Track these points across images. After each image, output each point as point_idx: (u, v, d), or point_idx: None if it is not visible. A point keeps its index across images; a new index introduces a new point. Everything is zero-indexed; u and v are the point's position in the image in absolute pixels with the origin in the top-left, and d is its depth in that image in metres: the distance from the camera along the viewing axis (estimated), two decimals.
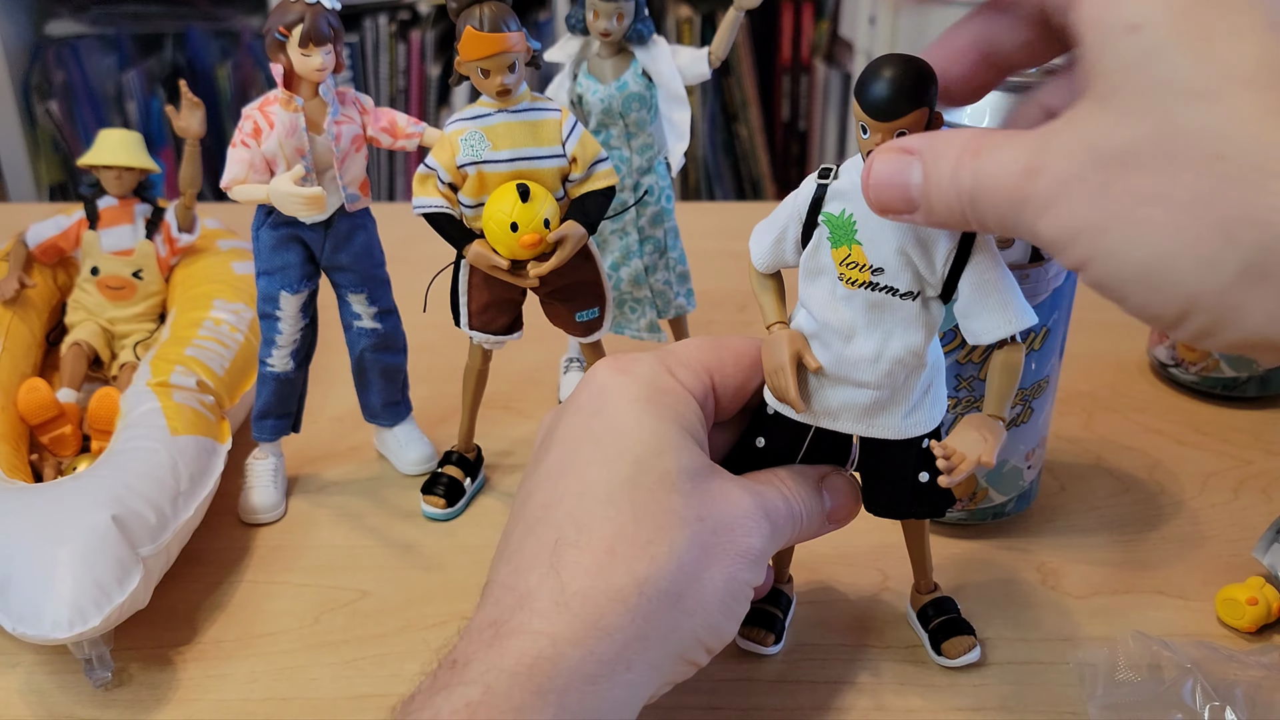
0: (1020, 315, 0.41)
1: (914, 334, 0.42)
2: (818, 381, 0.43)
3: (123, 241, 0.68)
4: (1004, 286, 0.40)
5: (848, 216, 0.41)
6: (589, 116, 0.62)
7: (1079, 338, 0.70)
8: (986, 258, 0.40)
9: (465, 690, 0.35)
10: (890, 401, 0.43)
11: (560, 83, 0.62)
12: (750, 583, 0.41)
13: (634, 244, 0.64)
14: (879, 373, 0.42)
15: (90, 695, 0.48)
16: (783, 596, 0.51)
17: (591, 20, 0.59)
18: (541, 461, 0.42)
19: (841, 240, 0.41)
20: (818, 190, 0.42)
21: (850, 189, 0.41)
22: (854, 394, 0.43)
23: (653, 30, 0.61)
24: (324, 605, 0.53)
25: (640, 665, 0.37)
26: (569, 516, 0.39)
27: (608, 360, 0.43)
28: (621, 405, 0.41)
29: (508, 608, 0.37)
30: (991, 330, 0.41)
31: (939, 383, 0.44)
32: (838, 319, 0.42)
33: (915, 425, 0.43)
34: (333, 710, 0.47)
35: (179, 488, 0.52)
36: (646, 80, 0.61)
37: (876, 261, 0.41)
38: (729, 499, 0.41)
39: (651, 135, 0.62)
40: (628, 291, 0.65)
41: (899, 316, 0.41)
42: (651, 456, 0.40)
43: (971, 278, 0.40)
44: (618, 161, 0.62)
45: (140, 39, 1.87)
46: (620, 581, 0.37)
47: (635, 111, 0.61)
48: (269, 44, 0.52)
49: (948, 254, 0.40)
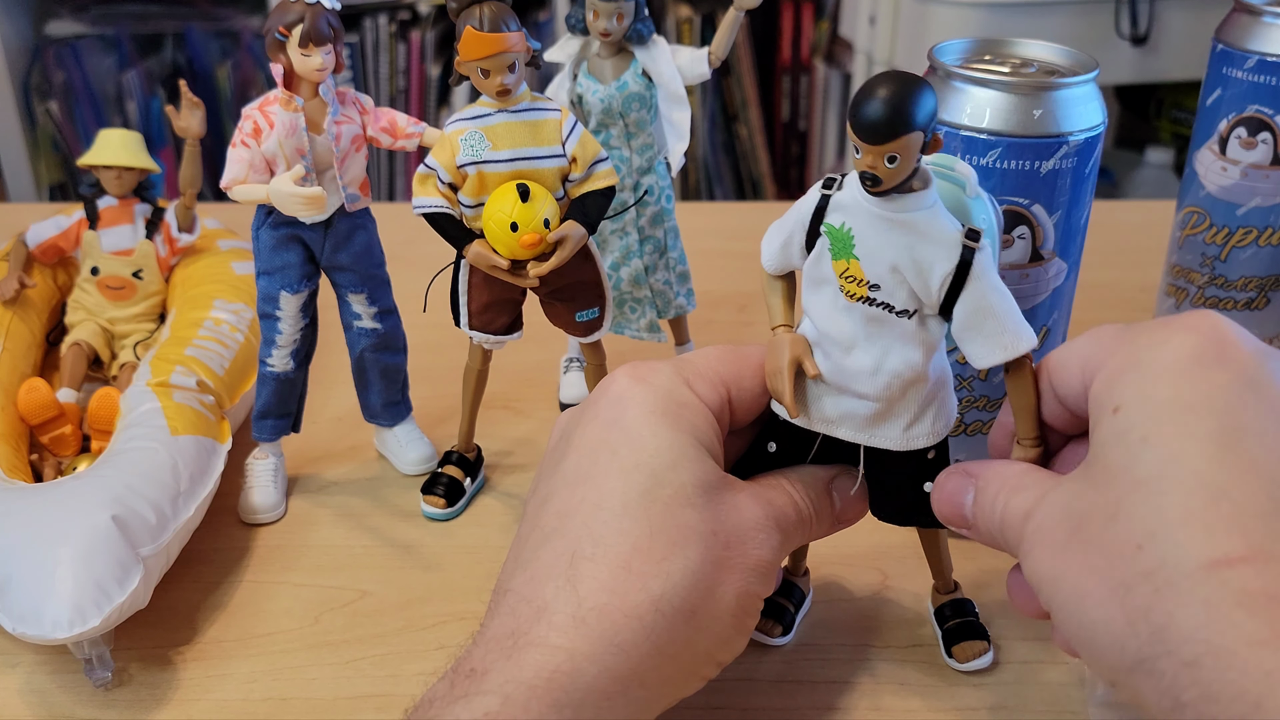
0: (1016, 341, 0.40)
1: (912, 351, 0.41)
2: (819, 389, 0.43)
3: (123, 241, 0.68)
4: (1001, 312, 0.40)
5: (846, 230, 0.40)
6: (589, 116, 0.62)
7: None
8: (984, 283, 0.40)
9: (484, 700, 0.35)
10: (889, 414, 0.43)
11: (560, 83, 0.62)
12: (761, 595, 0.41)
13: (634, 244, 0.64)
14: (877, 385, 0.42)
15: (90, 695, 0.48)
16: (796, 589, 0.51)
17: (591, 20, 0.59)
18: (558, 467, 0.42)
19: (840, 253, 0.41)
20: (820, 200, 0.41)
21: (851, 202, 0.40)
22: (853, 404, 0.43)
23: (653, 30, 0.61)
24: (324, 605, 0.53)
25: (654, 681, 0.38)
26: (585, 528, 0.39)
27: (627, 369, 0.43)
28: (639, 416, 0.41)
29: (525, 619, 0.37)
30: (986, 356, 0.40)
31: (946, 395, 0.43)
32: (838, 330, 0.42)
33: (918, 438, 0.43)
34: (333, 710, 0.47)
35: (179, 488, 0.52)
36: (646, 80, 0.61)
37: (873, 278, 0.40)
38: (741, 511, 0.41)
39: (651, 135, 0.62)
40: (628, 291, 0.65)
41: (896, 332, 0.41)
42: (667, 470, 0.40)
43: (968, 303, 0.40)
44: (617, 161, 0.62)
45: (140, 39, 1.87)
46: (636, 599, 0.37)
47: (635, 111, 0.61)
48: (269, 44, 0.52)
49: (944, 278, 0.40)
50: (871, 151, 0.38)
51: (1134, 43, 1.59)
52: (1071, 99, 0.49)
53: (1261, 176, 0.63)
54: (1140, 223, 0.95)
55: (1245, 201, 0.64)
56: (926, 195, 0.39)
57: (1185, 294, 0.68)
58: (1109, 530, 0.33)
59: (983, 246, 0.40)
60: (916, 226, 0.39)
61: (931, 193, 0.40)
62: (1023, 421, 0.42)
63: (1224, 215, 0.65)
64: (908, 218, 0.39)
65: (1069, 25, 1.56)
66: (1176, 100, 1.87)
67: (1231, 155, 0.63)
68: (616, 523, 0.39)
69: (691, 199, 2.02)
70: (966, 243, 0.39)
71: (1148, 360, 0.35)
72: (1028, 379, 0.41)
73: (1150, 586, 0.31)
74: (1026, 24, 1.53)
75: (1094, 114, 0.50)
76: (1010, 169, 0.49)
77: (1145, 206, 1.09)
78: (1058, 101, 0.49)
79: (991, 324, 0.40)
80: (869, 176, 0.38)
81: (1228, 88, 0.63)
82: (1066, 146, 0.49)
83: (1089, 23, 1.57)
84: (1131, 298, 0.81)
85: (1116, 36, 1.58)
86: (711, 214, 1.13)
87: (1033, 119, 0.48)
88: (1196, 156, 0.66)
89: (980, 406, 0.54)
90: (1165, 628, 0.31)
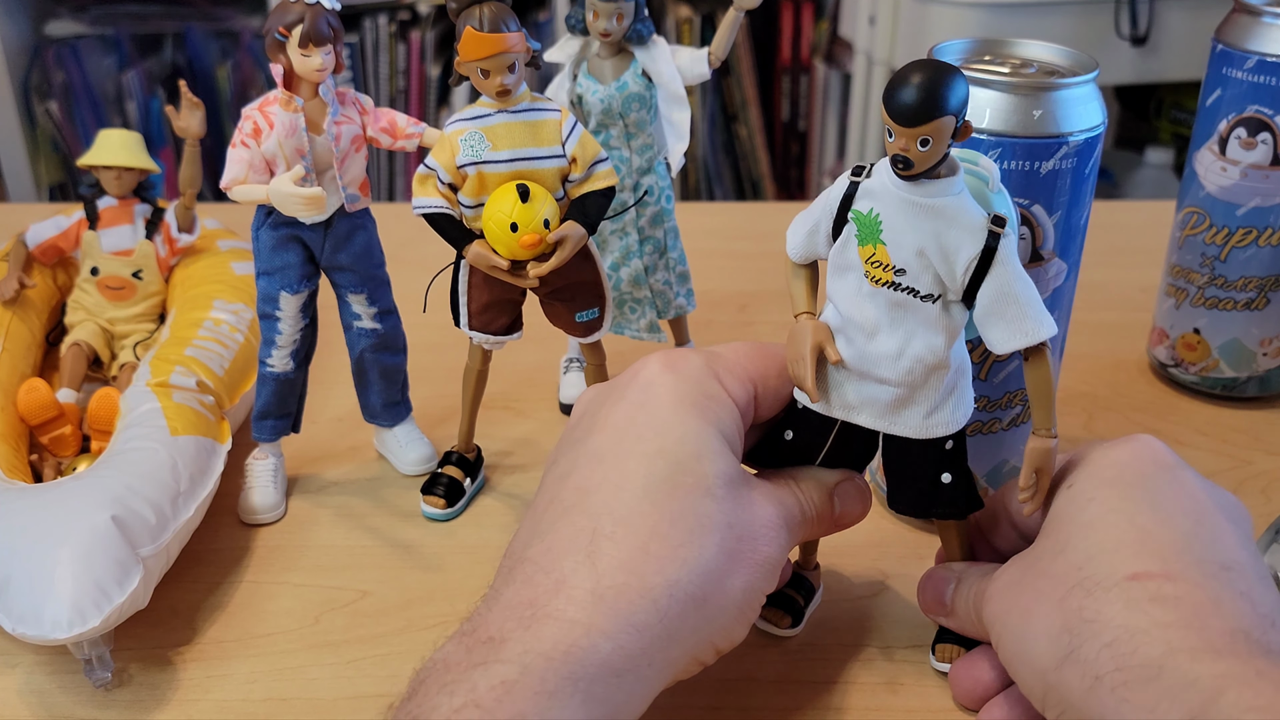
0: (1037, 329, 0.41)
1: (935, 336, 0.42)
2: (841, 375, 0.44)
3: (122, 242, 0.68)
4: (1024, 299, 0.41)
5: (874, 215, 0.41)
6: (589, 117, 0.62)
7: (1079, 338, 0.70)
8: (1008, 269, 0.41)
9: (503, 669, 0.36)
10: (911, 400, 0.43)
11: (560, 83, 0.62)
12: (765, 590, 0.42)
13: (634, 244, 0.64)
14: (900, 370, 0.43)
15: (90, 696, 0.48)
16: (805, 582, 0.52)
17: (591, 20, 0.59)
18: (581, 442, 0.43)
19: (868, 239, 0.42)
20: (849, 187, 0.42)
21: (879, 189, 0.41)
22: (876, 390, 0.43)
23: (652, 30, 0.61)
24: (324, 605, 0.53)
25: (660, 662, 0.39)
26: (606, 507, 0.40)
27: (659, 355, 0.45)
28: (668, 403, 0.42)
29: (544, 590, 0.38)
30: (1006, 341, 0.41)
31: (964, 385, 0.44)
32: (862, 315, 0.43)
33: (937, 425, 0.44)
34: (333, 710, 0.47)
35: (179, 488, 0.52)
36: (646, 80, 0.61)
37: (899, 262, 0.41)
38: (755, 508, 0.42)
39: (651, 136, 0.62)
40: (628, 292, 0.65)
41: (920, 317, 0.42)
42: (691, 459, 0.41)
43: (991, 288, 0.41)
44: (617, 162, 0.62)
45: (140, 39, 1.87)
46: (653, 581, 0.38)
47: (635, 112, 0.61)
48: (269, 44, 0.52)
49: (969, 262, 0.41)
50: (905, 134, 0.39)
51: (1134, 43, 1.59)
52: (1071, 99, 0.49)
53: (1261, 177, 0.63)
54: (1140, 223, 0.95)
55: (1245, 202, 0.64)
56: (954, 182, 0.40)
57: (1185, 294, 0.68)
58: (1056, 561, 0.41)
59: (1007, 233, 0.41)
60: (944, 212, 0.40)
61: (959, 180, 0.41)
62: (1040, 410, 0.43)
63: (1224, 215, 0.65)
64: (936, 203, 0.40)
65: (1069, 25, 1.56)
66: (1176, 100, 1.87)
67: (1231, 155, 0.63)
68: (637, 504, 0.40)
69: (691, 199, 2.02)
70: (992, 228, 0.40)
71: (1096, 457, 0.43)
72: (1045, 368, 0.42)
73: (1084, 592, 0.39)
74: (1026, 24, 1.53)
75: (1094, 114, 0.50)
76: (1010, 169, 0.49)
77: (1145, 207, 1.09)
78: (1058, 102, 0.49)
79: (1014, 310, 0.41)
80: (901, 160, 0.39)
81: (1227, 88, 0.63)
82: (1066, 147, 0.49)
83: (1089, 23, 1.57)
84: (1131, 298, 0.81)
85: (1116, 37, 1.58)
86: (711, 214, 1.13)
87: (1033, 119, 0.49)
88: (1196, 157, 0.66)
89: (980, 407, 0.54)
90: (1093, 620, 0.38)
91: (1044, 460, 0.43)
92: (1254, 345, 0.67)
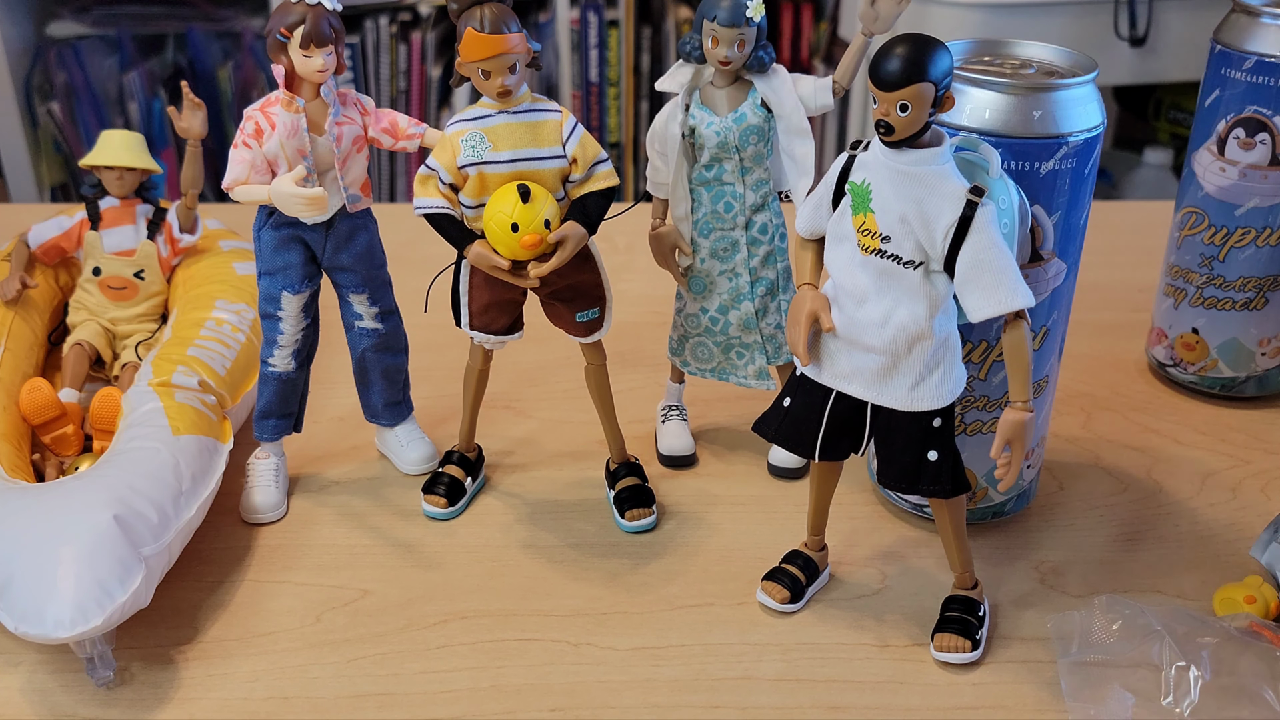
0: (1012, 296, 0.43)
1: (917, 304, 0.44)
2: (835, 345, 0.46)
3: (125, 242, 0.68)
4: (999, 267, 0.42)
5: (866, 185, 0.44)
6: (701, 151, 0.57)
7: (1078, 338, 0.70)
8: (984, 237, 0.42)
9: None
10: (895, 369, 0.45)
11: (670, 114, 0.58)
12: None
13: (744, 286, 0.59)
14: (884, 338, 0.44)
15: (92, 694, 0.48)
16: (810, 563, 0.53)
17: (710, 47, 0.55)
18: None
19: (860, 207, 0.44)
20: (848, 160, 0.45)
21: (871, 159, 0.44)
22: (864, 359, 0.45)
23: (774, 57, 0.57)
24: (325, 604, 0.53)
25: None
26: None
27: None
28: None
29: None
30: (981, 308, 0.43)
31: (951, 362, 0.45)
32: (853, 283, 0.45)
33: (922, 399, 0.45)
34: (334, 709, 0.47)
35: (181, 487, 0.52)
36: (766, 112, 0.57)
37: (885, 229, 0.43)
38: None
39: (768, 170, 0.58)
40: (735, 336, 0.61)
41: (904, 285, 0.44)
42: None
43: (968, 255, 0.43)
44: (730, 198, 0.58)
45: (142, 40, 1.87)
46: None
47: (753, 145, 0.57)
48: (270, 45, 0.53)
49: (947, 229, 0.42)
50: (885, 99, 0.41)
51: (1133, 44, 1.60)
52: (1070, 100, 0.49)
53: (1260, 177, 0.63)
54: (1139, 223, 0.96)
55: (1243, 202, 0.64)
56: (939, 153, 0.42)
57: (1184, 294, 0.68)
58: None
59: (985, 203, 0.42)
60: (926, 180, 0.42)
61: (944, 152, 0.43)
62: (1016, 382, 0.44)
63: (1222, 216, 0.65)
64: (918, 171, 0.42)
65: (1068, 26, 1.56)
66: (1175, 101, 1.87)
67: (1230, 156, 0.64)
68: None
69: None
70: (970, 197, 0.42)
71: None
72: (1022, 339, 0.44)
73: None
74: (1026, 25, 1.53)
75: (1093, 115, 0.50)
76: (1010, 169, 0.49)
77: (1144, 207, 1.09)
78: (1057, 102, 0.49)
79: (988, 278, 0.42)
80: (883, 124, 0.42)
81: (1226, 88, 0.63)
82: (1066, 147, 0.49)
83: (1088, 24, 1.57)
84: (1130, 298, 0.81)
85: (1115, 37, 1.58)
86: None
87: (1032, 120, 0.49)
88: (1195, 157, 0.66)
89: (980, 407, 0.54)
90: None
91: (1017, 432, 0.44)
92: (1252, 345, 0.67)
